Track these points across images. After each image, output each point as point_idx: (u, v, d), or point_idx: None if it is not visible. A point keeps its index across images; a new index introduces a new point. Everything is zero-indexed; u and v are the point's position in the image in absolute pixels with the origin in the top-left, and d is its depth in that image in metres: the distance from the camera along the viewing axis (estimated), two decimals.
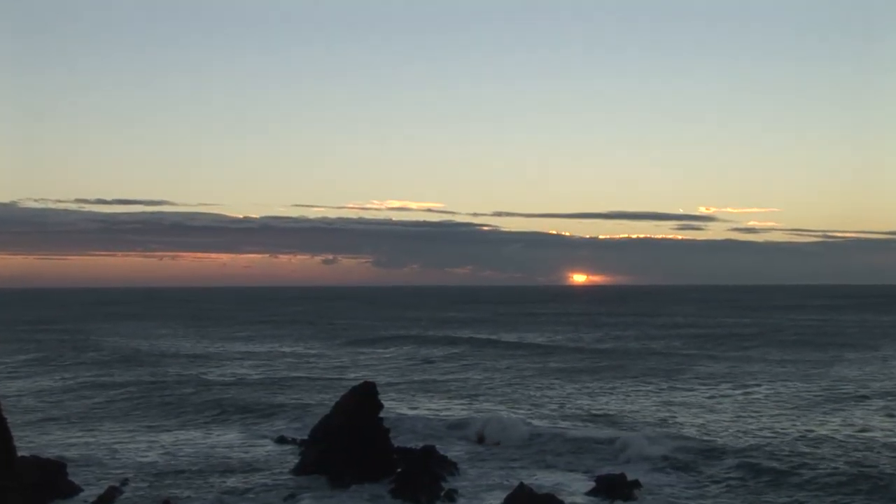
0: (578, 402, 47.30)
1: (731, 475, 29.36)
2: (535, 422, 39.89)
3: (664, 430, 38.05)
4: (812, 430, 37.29)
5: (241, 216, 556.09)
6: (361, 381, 36.17)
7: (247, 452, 34.63)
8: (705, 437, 36.01)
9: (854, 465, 30.27)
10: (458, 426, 38.95)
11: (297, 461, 31.83)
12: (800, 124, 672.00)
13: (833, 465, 30.42)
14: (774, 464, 30.80)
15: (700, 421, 40.28)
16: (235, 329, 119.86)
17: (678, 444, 34.31)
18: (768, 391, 50.37)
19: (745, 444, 34.36)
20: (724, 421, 40.19)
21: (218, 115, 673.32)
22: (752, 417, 41.06)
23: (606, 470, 30.01)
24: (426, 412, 44.13)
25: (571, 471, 31.16)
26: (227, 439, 37.56)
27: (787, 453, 32.69)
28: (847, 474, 28.86)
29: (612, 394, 50.63)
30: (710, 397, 48.44)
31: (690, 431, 37.55)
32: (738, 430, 37.62)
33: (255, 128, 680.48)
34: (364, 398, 31.09)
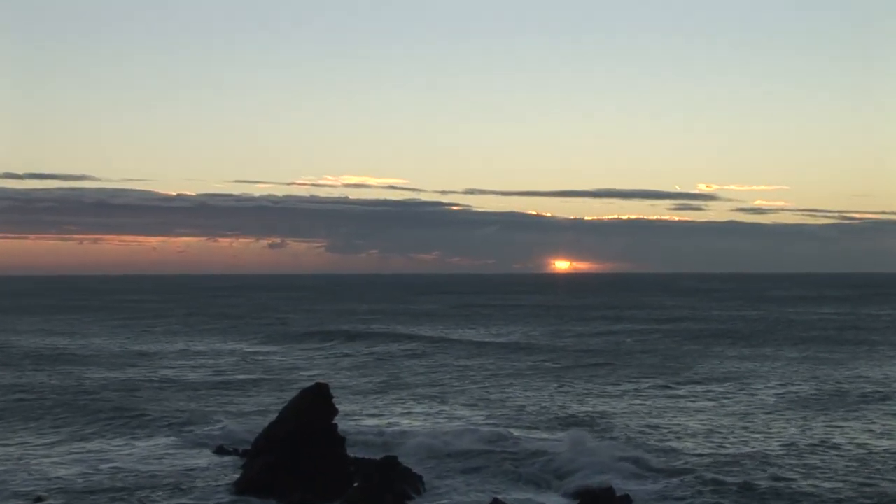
0: (558, 405, 47.67)
1: (729, 487, 29.65)
2: (510, 430, 40.12)
3: (651, 435, 38.53)
4: (825, 439, 37.88)
5: (173, 193, 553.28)
6: (313, 382, 36.16)
7: (179, 465, 34.52)
8: (704, 445, 36.44)
9: (865, 481, 30.61)
10: (419, 432, 39.07)
11: (237, 475, 31.76)
12: (814, 91, 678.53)
13: (843, 480, 30.82)
14: (778, 475, 31.24)
15: (699, 426, 40.72)
16: (167, 324, 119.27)
17: (668, 452, 34.69)
18: (776, 394, 51.05)
19: (745, 452, 34.80)
20: (726, 426, 40.65)
21: (148, 78, 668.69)
22: (757, 423, 41.60)
23: (595, 480, 30.13)
24: (387, 418, 44.24)
25: (547, 483, 31.34)
26: (156, 450, 37.44)
27: (794, 464, 33.12)
28: (861, 493, 29.20)
29: (597, 396, 51.05)
30: (710, 400, 48.96)
31: (686, 438, 38.00)
32: (741, 437, 38.12)
33: (191, 92, 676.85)
34: (316, 402, 31.09)
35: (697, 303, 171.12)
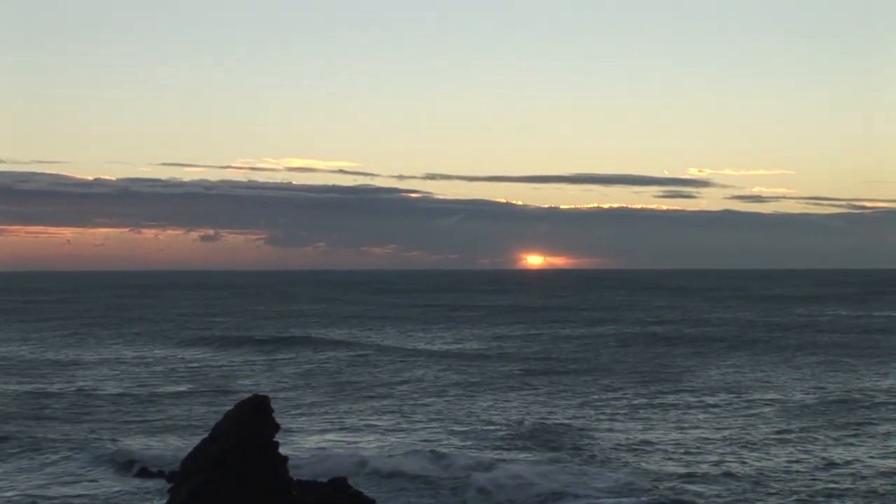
0: (530, 421, 47.82)
1: None
2: (474, 449, 40.23)
3: (636, 454, 38.78)
4: (830, 457, 38.29)
5: (90, 178, 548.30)
6: (250, 393, 36.06)
7: (96, 491, 34.33)
8: (695, 465, 36.72)
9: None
10: (372, 452, 39.11)
11: (163, 501, 31.62)
12: (819, 66, 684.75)
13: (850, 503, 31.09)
14: (780, 501, 31.44)
15: (690, 444, 41.03)
16: (84, 328, 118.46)
17: (655, 474, 34.95)
18: (777, 406, 51.51)
19: (744, 473, 35.13)
20: (721, 443, 40.97)
21: (60, 46, 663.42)
22: (756, 439, 41.95)
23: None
24: (335, 434, 44.21)
25: None
26: (68, 472, 37.17)
27: (796, 487, 33.43)
28: None
29: (575, 410, 51.27)
30: (703, 413, 49.33)
31: (675, 456, 38.30)
32: (738, 456, 38.45)
33: (112, 63, 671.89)
34: (254, 416, 30.96)
35: (689, 303, 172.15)
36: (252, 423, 30.77)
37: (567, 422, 47.37)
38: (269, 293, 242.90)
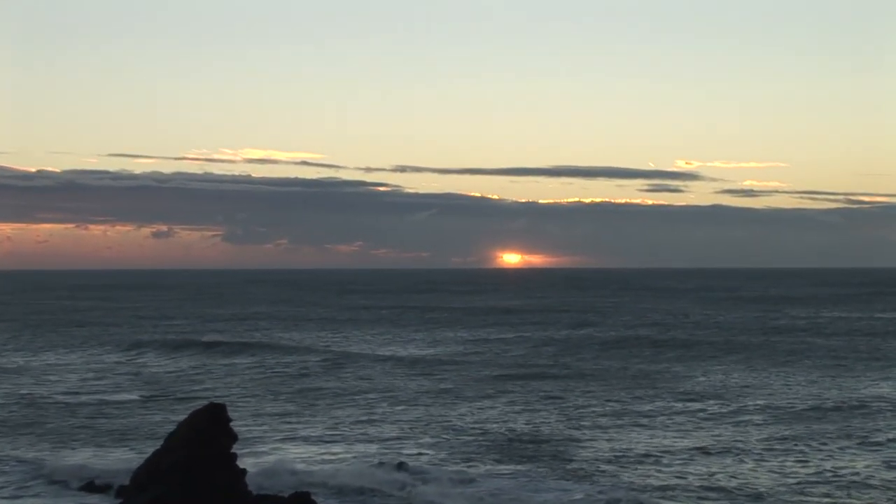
0: (506, 431, 47.92)
1: None
2: (446, 461, 40.27)
3: (620, 466, 38.93)
4: (826, 469, 38.53)
5: (32, 169, 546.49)
6: (206, 401, 35.91)
7: None
8: (684, 478, 36.90)
9: None
10: (338, 464, 39.03)
11: None
12: (815, 52, 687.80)
13: None
14: None
15: (678, 456, 41.19)
16: (27, 330, 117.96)
17: (641, 488, 35.05)
18: (772, 416, 51.76)
19: (733, 486, 35.28)
20: (710, 455, 41.15)
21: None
22: (748, 450, 42.13)
23: None
24: (297, 445, 44.21)
25: None
26: (8, 487, 36.98)
27: (789, 500, 33.56)
28: None
29: (554, 419, 51.39)
30: (691, 422, 49.51)
31: (661, 469, 38.46)
32: (728, 470, 38.63)
33: (56, 45, 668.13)
34: (210, 425, 30.91)
35: (676, 304, 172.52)
36: (208, 433, 30.72)
37: (547, 431, 47.45)
38: (227, 294, 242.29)
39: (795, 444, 43.16)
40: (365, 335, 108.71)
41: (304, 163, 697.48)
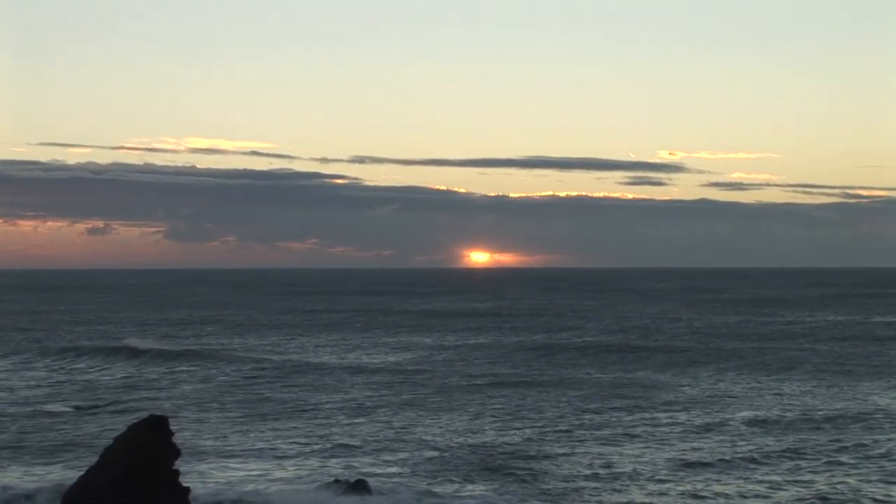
0: (476, 445, 48.07)
1: None
2: (408, 479, 40.52)
3: (598, 483, 39.15)
4: (813, 483, 38.89)
5: None
6: (147, 412, 35.84)
7: None
8: (668, 495, 37.14)
9: None
10: (291, 482, 39.00)
11: None
12: (809, 36, 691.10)
13: None
14: None
15: (661, 470, 41.48)
16: None
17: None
18: (760, 429, 52.14)
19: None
20: (694, 468, 41.47)
21: None
22: (735, 464, 42.51)
23: None
24: (245, 461, 44.18)
25: None
26: None
27: None
28: None
29: (528, 432, 51.55)
30: (675, 433, 49.76)
31: (646, 485, 38.71)
32: (712, 486, 38.91)
33: None
34: (150, 439, 30.87)
35: (659, 307, 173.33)
36: (148, 448, 30.68)
37: (520, 445, 47.62)
38: (170, 296, 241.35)
39: (785, 458, 43.55)
40: (320, 341, 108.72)
41: (255, 153, 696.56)
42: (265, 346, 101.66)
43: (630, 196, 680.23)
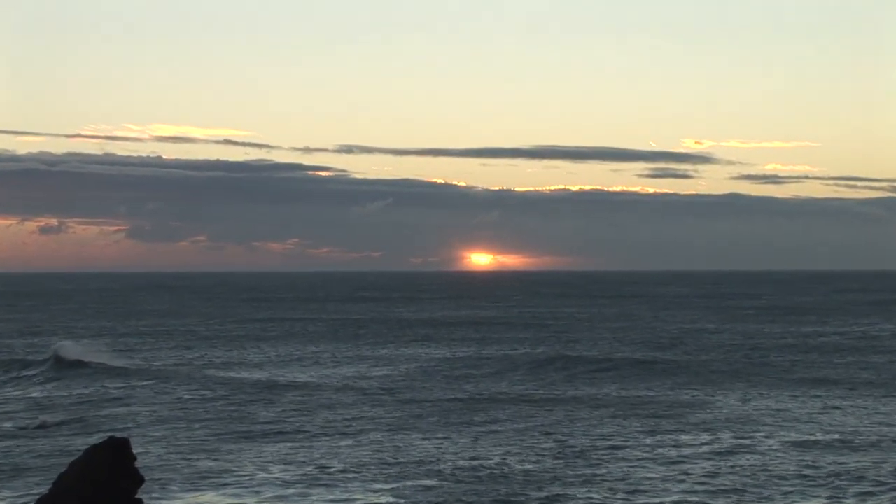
0: (480, 466, 48.06)
1: None
2: None
3: None
4: None
5: None
6: (106, 434, 35.77)
7: None
8: None
9: None
10: None
11: None
12: (848, 9, 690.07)
13: None
14: None
15: (685, 499, 41.47)
16: None
17: None
18: (798, 457, 52.15)
19: None
20: (725, 495, 41.52)
21: None
22: (769, 493, 42.62)
23: None
24: (215, 488, 44.19)
25: None
26: None
27: None
28: None
29: (536, 454, 51.55)
30: (702, 457, 49.79)
31: None
32: None
33: None
34: (110, 465, 30.78)
35: (682, 316, 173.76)
36: (107, 474, 30.60)
37: (532, 471, 47.61)
38: (131, 303, 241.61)
39: (823, 485, 43.80)
40: (302, 354, 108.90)
41: (228, 141, 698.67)
42: (240, 360, 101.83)
43: (651, 190, 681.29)
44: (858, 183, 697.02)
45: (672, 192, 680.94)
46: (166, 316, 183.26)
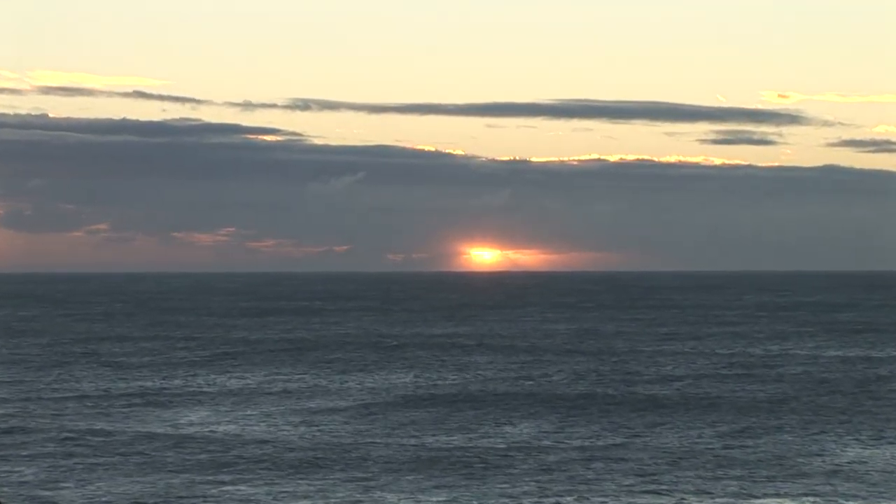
0: None
1: None
2: None
3: None
4: None
5: None
6: None
7: None
8: None
9: None
10: None
11: None
12: None
13: None
14: None
15: None
16: None
17: None
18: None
19: None
20: None
21: None
22: None
23: None
24: None
25: None
26: None
27: None
28: None
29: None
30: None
31: None
32: None
33: None
34: None
35: (768, 333, 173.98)
36: None
37: None
38: (5, 314, 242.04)
39: None
40: (234, 384, 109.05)
41: (138, 93, 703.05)
42: (155, 391, 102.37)
43: (718, 161, 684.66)
44: None
45: (747, 163, 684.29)
46: (49, 334, 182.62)
